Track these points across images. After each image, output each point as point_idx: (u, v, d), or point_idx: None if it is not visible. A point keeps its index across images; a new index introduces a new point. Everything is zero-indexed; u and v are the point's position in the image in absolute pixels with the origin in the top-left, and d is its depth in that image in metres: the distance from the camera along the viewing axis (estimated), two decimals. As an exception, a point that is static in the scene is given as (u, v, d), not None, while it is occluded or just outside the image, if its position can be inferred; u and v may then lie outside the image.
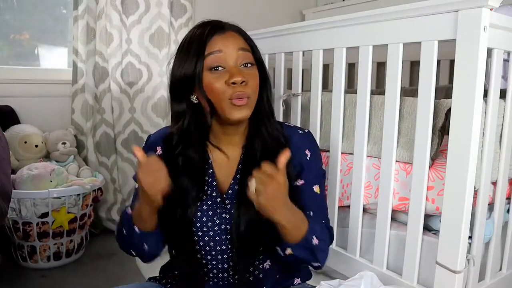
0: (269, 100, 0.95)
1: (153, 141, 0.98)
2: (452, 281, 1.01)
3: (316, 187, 0.95)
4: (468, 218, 0.98)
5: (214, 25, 0.88)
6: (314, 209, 0.94)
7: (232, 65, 0.86)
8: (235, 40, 0.88)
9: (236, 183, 0.92)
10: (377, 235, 1.21)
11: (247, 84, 0.85)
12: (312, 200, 0.95)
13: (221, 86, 0.84)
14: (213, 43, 0.86)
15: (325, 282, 0.93)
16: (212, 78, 0.85)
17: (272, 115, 0.95)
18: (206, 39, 0.86)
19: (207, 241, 0.91)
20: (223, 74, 0.85)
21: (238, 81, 0.83)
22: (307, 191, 0.95)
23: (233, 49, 0.86)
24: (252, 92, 0.87)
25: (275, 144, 0.91)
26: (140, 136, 2.18)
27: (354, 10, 1.33)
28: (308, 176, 0.95)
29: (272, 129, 0.93)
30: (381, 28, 1.14)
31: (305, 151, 0.95)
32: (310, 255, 0.87)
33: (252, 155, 0.92)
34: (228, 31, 0.89)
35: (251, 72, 0.87)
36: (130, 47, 2.10)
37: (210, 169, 0.94)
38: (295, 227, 0.84)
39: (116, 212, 2.11)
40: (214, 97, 0.85)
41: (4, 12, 2.01)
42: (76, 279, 1.63)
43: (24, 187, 1.61)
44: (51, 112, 2.01)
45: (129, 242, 0.93)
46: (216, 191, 0.92)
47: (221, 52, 0.85)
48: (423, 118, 1.05)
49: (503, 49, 1.03)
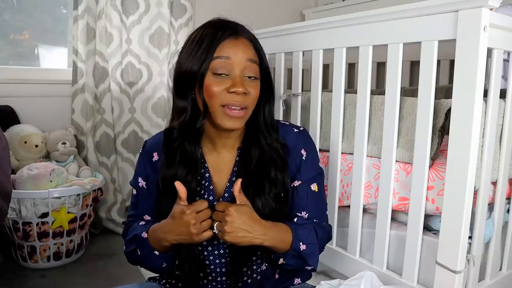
0: (271, 111, 0.94)
1: (150, 146, 0.98)
2: (452, 281, 1.01)
3: (314, 185, 0.95)
4: (468, 218, 0.98)
5: (229, 27, 0.87)
6: (310, 209, 0.94)
7: (237, 74, 0.85)
8: (245, 49, 0.86)
9: (231, 186, 0.92)
10: (377, 235, 1.20)
11: (247, 95, 0.85)
12: (309, 199, 0.95)
13: (219, 92, 0.84)
14: (223, 47, 0.85)
15: (325, 282, 0.93)
16: (214, 82, 0.84)
17: (273, 127, 0.94)
18: (218, 41, 0.84)
19: (205, 245, 0.92)
20: (226, 80, 0.84)
21: (239, 91, 0.83)
22: (305, 191, 0.94)
23: (242, 58, 0.85)
24: (250, 102, 0.86)
25: (272, 155, 0.91)
26: (140, 136, 2.18)
27: (354, 10, 1.33)
28: (306, 176, 0.95)
29: (272, 140, 0.92)
30: (381, 28, 1.14)
31: (300, 151, 0.95)
32: (301, 262, 0.89)
33: (248, 160, 0.91)
34: (241, 38, 0.87)
35: (253, 85, 0.87)
36: (130, 47, 2.10)
37: (207, 173, 0.93)
38: (279, 240, 0.86)
39: (116, 212, 2.11)
40: (209, 101, 0.85)
41: (4, 12, 2.01)
42: (76, 279, 1.63)
43: (24, 187, 1.62)
44: (51, 112, 2.01)
45: (145, 261, 0.94)
46: (213, 195, 0.92)
47: (229, 59, 0.84)
48: (423, 118, 1.05)
49: (503, 49, 1.03)
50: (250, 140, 0.92)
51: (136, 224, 0.95)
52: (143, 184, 0.97)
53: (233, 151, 0.94)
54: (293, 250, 0.86)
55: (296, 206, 0.94)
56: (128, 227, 0.98)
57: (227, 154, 0.94)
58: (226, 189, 0.93)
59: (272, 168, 0.90)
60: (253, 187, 0.88)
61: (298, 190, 0.94)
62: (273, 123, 0.94)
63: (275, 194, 0.90)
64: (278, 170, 0.90)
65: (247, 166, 0.90)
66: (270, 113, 0.94)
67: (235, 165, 0.93)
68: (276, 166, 0.90)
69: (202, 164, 0.93)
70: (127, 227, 0.99)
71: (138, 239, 0.92)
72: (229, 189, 0.92)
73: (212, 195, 0.92)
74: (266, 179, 0.89)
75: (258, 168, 0.90)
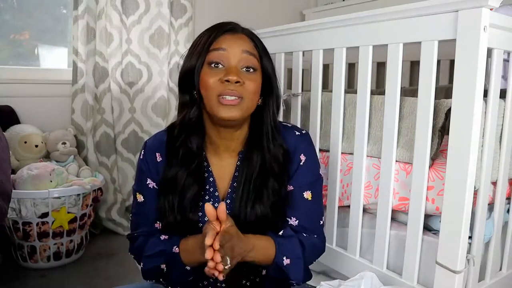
0: (274, 114, 0.92)
1: (151, 147, 0.95)
2: (452, 281, 1.01)
3: (307, 193, 0.93)
4: (468, 218, 0.98)
5: (228, 25, 0.88)
6: (301, 217, 0.93)
7: (233, 65, 0.84)
8: (243, 42, 0.86)
9: (233, 192, 0.91)
10: (377, 235, 1.20)
11: (242, 85, 0.83)
12: (301, 207, 0.93)
13: (213, 82, 0.83)
14: (220, 41, 0.85)
15: (325, 283, 0.93)
16: (209, 73, 0.84)
17: (277, 130, 0.92)
18: (215, 36, 0.85)
19: None
20: (221, 71, 0.84)
21: (232, 79, 0.82)
22: (296, 197, 0.93)
23: (238, 50, 0.85)
24: (246, 94, 0.84)
25: (272, 164, 0.90)
26: (140, 136, 2.18)
27: (354, 10, 1.33)
28: (300, 182, 0.93)
29: (275, 145, 0.91)
30: (381, 28, 1.14)
31: (299, 155, 0.93)
32: (283, 275, 0.88)
33: (248, 166, 0.90)
34: (240, 33, 0.88)
35: (250, 77, 0.85)
36: (130, 47, 2.10)
37: (211, 177, 0.93)
38: (263, 255, 0.86)
39: (116, 212, 2.11)
40: (204, 92, 0.85)
41: (4, 12, 2.01)
42: (76, 279, 1.63)
43: (24, 187, 1.61)
44: (51, 112, 2.01)
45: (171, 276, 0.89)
46: (218, 202, 0.91)
47: (225, 50, 0.84)
48: (423, 118, 1.05)
49: (503, 49, 1.03)
50: (252, 144, 0.91)
51: (156, 239, 0.91)
52: (153, 185, 0.93)
53: (235, 155, 0.93)
54: (275, 264, 0.86)
55: (288, 211, 0.93)
56: (142, 242, 0.93)
57: (228, 158, 0.93)
58: (228, 195, 0.92)
59: (271, 178, 0.90)
60: (254, 195, 0.88)
61: (292, 195, 0.93)
62: (277, 126, 0.93)
63: (272, 202, 0.89)
64: (276, 181, 0.90)
65: (247, 173, 0.90)
66: (274, 115, 0.92)
67: (235, 170, 0.93)
68: (275, 176, 0.90)
69: (206, 168, 0.93)
70: (141, 241, 0.93)
71: (166, 255, 0.87)
72: (230, 195, 0.92)
73: (217, 201, 0.91)
74: (265, 187, 0.89)
75: (258, 176, 0.89)
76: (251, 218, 0.88)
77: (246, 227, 0.86)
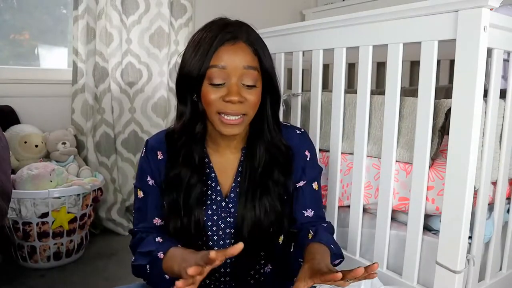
0: (276, 113, 0.93)
1: (153, 145, 0.95)
2: (452, 281, 1.01)
3: (315, 184, 0.98)
4: (468, 218, 0.98)
5: (228, 32, 0.85)
6: (314, 206, 0.97)
7: (233, 82, 0.83)
8: (243, 55, 0.84)
9: (237, 186, 0.92)
10: (377, 235, 1.20)
11: (244, 103, 0.84)
12: (313, 198, 0.97)
13: (215, 99, 0.83)
14: (219, 54, 0.83)
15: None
16: (210, 90, 0.84)
17: (278, 126, 0.94)
18: (215, 47, 0.83)
19: (211, 246, 0.91)
20: (222, 89, 0.84)
21: (234, 100, 0.82)
22: (308, 190, 0.97)
23: (239, 66, 0.83)
24: (248, 109, 0.85)
25: (276, 155, 0.92)
26: (140, 136, 2.18)
27: (354, 10, 1.33)
28: (309, 176, 0.97)
29: (277, 138, 0.93)
30: (381, 28, 1.14)
31: (304, 152, 0.97)
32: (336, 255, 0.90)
33: (252, 160, 0.91)
34: (239, 43, 0.85)
35: (251, 92, 0.85)
36: (130, 47, 2.10)
37: (213, 173, 0.93)
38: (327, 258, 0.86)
39: (116, 212, 2.11)
40: (207, 107, 0.86)
41: (4, 12, 2.01)
42: (76, 279, 1.63)
43: (24, 187, 1.61)
44: (51, 112, 2.01)
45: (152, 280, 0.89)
46: (220, 196, 0.92)
47: (225, 68, 0.83)
48: (423, 118, 1.05)
49: (503, 49, 1.03)
50: (255, 139, 0.92)
51: (151, 238, 0.90)
52: (152, 182, 0.94)
53: (237, 151, 0.94)
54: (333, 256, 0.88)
55: (302, 205, 0.96)
56: (140, 238, 0.93)
57: (231, 155, 0.94)
58: (232, 189, 0.93)
59: (275, 169, 0.91)
60: (260, 188, 0.90)
61: (303, 189, 0.96)
62: (278, 121, 0.94)
63: (279, 194, 0.91)
64: (280, 172, 0.92)
65: (252, 166, 0.91)
66: (275, 113, 0.93)
67: (239, 165, 0.93)
68: (279, 168, 0.92)
69: (207, 164, 0.93)
70: (138, 237, 0.93)
71: (152, 257, 0.87)
72: (234, 189, 0.92)
73: (219, 195, 0.92)
74: (270, 179, 0.91)
75: (263, 168, 0.91)
76: (260, 212, 0.88)
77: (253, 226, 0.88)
